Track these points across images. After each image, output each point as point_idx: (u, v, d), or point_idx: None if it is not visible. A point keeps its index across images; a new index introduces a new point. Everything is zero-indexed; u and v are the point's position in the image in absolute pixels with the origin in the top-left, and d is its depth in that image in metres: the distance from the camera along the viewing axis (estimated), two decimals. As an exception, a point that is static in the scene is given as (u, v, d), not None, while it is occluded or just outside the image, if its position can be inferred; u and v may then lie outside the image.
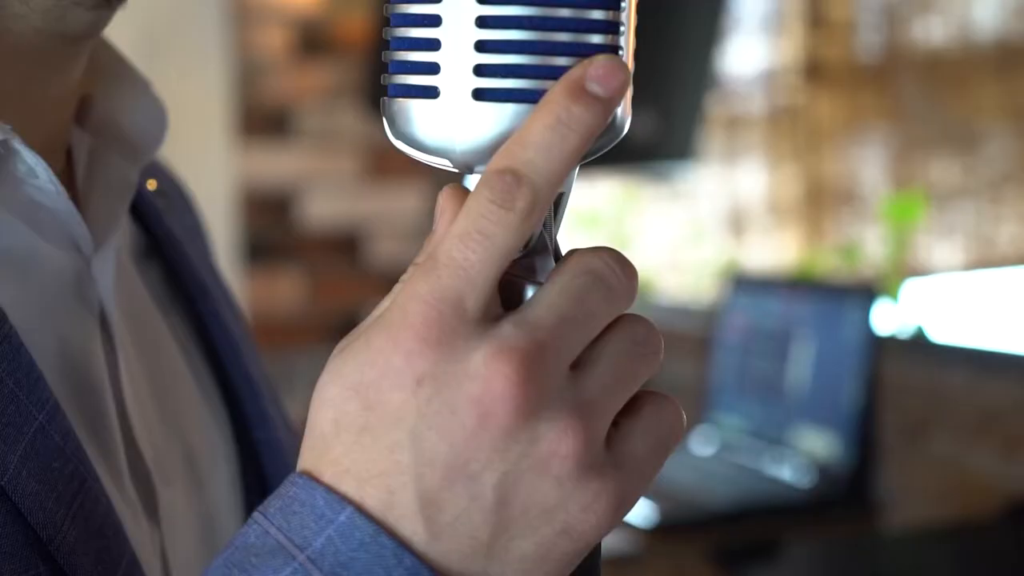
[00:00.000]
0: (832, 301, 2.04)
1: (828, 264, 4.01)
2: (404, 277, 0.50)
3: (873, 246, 3.99)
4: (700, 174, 3.81)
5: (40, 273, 0.63)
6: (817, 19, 4.20)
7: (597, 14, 0.48)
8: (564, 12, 0.48)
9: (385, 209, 3.33)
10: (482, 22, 0.48)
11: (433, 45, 0.48)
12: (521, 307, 0.48)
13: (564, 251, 0.50)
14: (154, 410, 0.69)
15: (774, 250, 4.22)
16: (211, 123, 0.72)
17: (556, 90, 0.47)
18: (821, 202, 4.20)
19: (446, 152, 0.49)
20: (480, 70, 0.48)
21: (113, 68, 0.71)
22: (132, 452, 0.66)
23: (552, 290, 0.48)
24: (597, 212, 3.70)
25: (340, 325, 3.29)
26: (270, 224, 3.19)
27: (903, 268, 3.64)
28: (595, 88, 0.47)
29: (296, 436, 0.80)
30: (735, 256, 4.08)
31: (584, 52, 0.48)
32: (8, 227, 0.62)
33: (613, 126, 0.49)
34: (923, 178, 4.11)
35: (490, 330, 0.46)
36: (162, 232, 0.76)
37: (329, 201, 3.27)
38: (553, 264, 0.50)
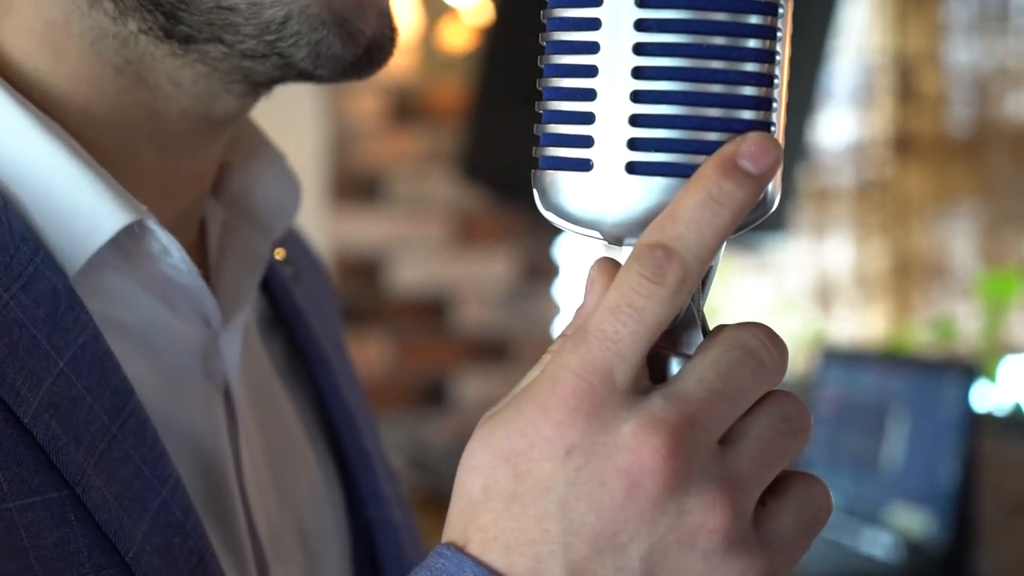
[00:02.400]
0: (929, 377, 2.01)
1: (918, 339, 3.96)
2: (553, 348, 0.50)
3: (964, 322, 3.94)
4: (788, 246, 3.80)
5: (169, 348, 0.64)
6: (907, 92, 4.18)
7: (749, 90, 0.49)
8: (716, 88, 0.49)
9: (473, 275, 3.35)
10: (637, 97, 0.48)
11: (587, 119, 0.49)
12: (671, 380, 0.48)
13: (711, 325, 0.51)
14: (271, 485, 0.70)
15: (861, 324, 4.18)
16: (305, 188, 0.74)
17: (708, 166, 0.47)
18: (909, 276, 4.16)
19: (597, 224, 0.50)
20: (634, 144, 0.48)
21: (250, 141, 0.72)
22: (248, 527, 0.66)
23: (702, 364, 0.48)
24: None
25: (425, 390, 3.30)
26: (360, 288, 3.22)
27: (998, 345, 3.59)
28: (747, 165, 0.47)
29: (410, 514, 0.80)
30: (823, 329, 4.05)
31: (736, 128, 0.49)
32: (141, 304, 0.63)
33: (763, 202, 0.49)
34: (1015, 254, 4.06)
35: (639, 402, 0.47)
36: (287, 303, 0.76)
37: (418, 266, 3.30)
38: (701, 338, 0.50)
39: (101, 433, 0.56)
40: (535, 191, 0.51)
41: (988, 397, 2.90)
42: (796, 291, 4.18)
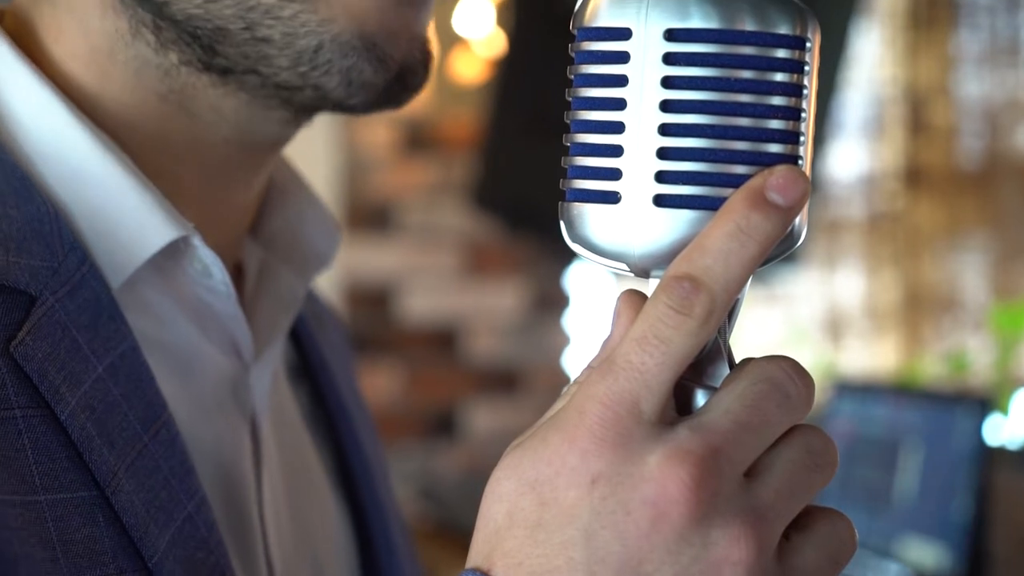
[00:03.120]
0: (941, 410, 2.01)
1: (930, 371, 3.95)
2: (579, 378, 0.50)
3: (976, 354, 3.93)
4: (799, 277, 3.79)
5: (202, 372, 0.65)
6: (918, 125, 4.19)
7: (776, 124, 0.49)
8: (744, 121, 0.49)
9: (483, 305, 3.35)
10: (665, 130, 0.49)
11: (616, 152, 0.49)
12: (697, 411, 0.48)
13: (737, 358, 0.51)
14: (289, 519, 0.71)
15: (872, 356, 4.17)
16: None
17: (736, 198, 0.48)
18: (920, 308, 4.16)
19: (624, 256, 0.50)
20: (662, 176, 0.49)
21: (288, 184, 0.73)
22: (264, 556, 0.67)
23: (729, 396, 0.48)
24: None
25: (435, 420, 3.29)
26: (370, 317, 3.22)
27: (1010, 378, 3.58)
28: (775, 198, 0.48)
29: (420, 568, 0.81)
30: (833, 361, 4.04)
31: (763, 161, 0.49)
32: (178, 325, 0.64)
33: (791, 235, 0.49)
34: (1025, 286, 4.06)
35: (666, 433, 0.47)
36: (314, 354, 0.78)
37: (428, 296, 3.30)
38: (727, 370, 0.50)
39: (133, 440, 0.57)
40: (562, 223, 0.51)
41: (1001, 430, 2.89)
42: (807, 323, 4.17)
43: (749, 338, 4.00)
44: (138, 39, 0.62)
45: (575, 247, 0.52)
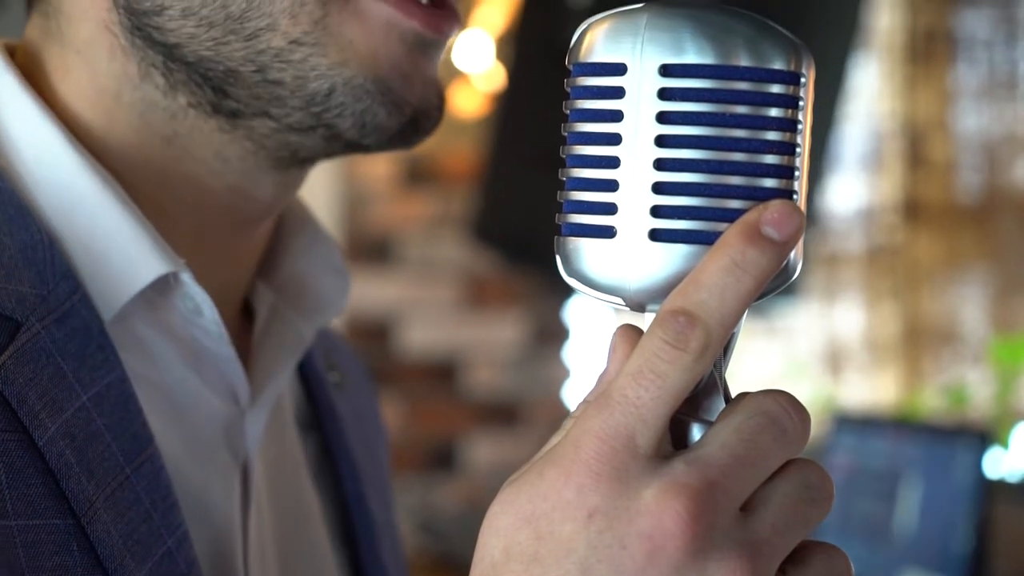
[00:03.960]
0: (941, 443, 2.01)
1: (930, 405, 3.95)
2: (575, 413, 0.50)
3: (976, 388, 3.93)
4: (798, 311, 3.79)
5: (193, 413, 0.64)
6: (916, 159, 4.20)
7: (771, 159, 0.49)
8: (739, 156, 0.49)
9: (483, 338, 3.35)
10: (660, 164, 0.49)
11: (611, 186, 0.49)
12: (694, 445, 0.48)
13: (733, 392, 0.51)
14: (276, 570, 0.70)
15: (872, 389, 4.17)
16: None
17: (731, 233, 0.48)
18: (920, 342, 4.16)
19: (619, 291, 0.50)
20: (657, 211, 0.49)
21: (300, 224, 0.72)
22: None
23: (725, 430, 0.48)
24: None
25: (435, 453, 3.29)
26: (370, 350, 3.22)
27: (1010, 411, 3.58)
28: (770, 232, 0.48)
29: None
30: (832, 394, 4.04)
31: (758, 196, 0.49)
32: (170, 363, 0.64)
33: (786, 269, 0.49)
34: (1024, 320, 4.06)
35: (661, 467, 0.47)
36: (325, 407, 0.77)
37: (428, 329, 3.30)
38: (723, 404, 0.50)
39: (115, 471, 0.57)
40: (558, 257, 0.52)
41: (1001, 463, 2.88)
42: (806, 356, 4.17)
43: (748, 371, 4.00)
44: (147, 81, 0.62)
45: (571, 281, 0.52)
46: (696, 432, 0.50)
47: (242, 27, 0.61)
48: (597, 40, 0.50)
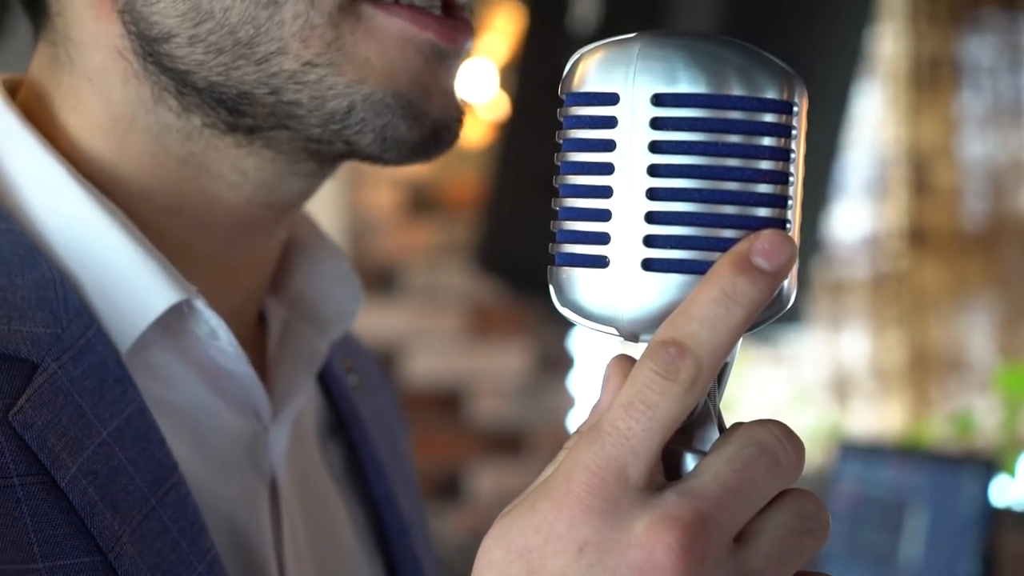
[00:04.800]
0: (947, 472, 2.00)
1: (936, 433, 3.94)
2: (568, 445, 0.50)
3: (983, 416, 3.92)
4: (804, 338, 3.79)
5: (216, 434, 0.64)
6: (921, 186, 4.20)
7: (764, 188, 0.49)
8: (732, 186, 0.49)
9: (488, 367, 3.35)
10: (653, 194, 0.49)
11: (604, 216, 0.49)
12: (686, 476, 0.48)
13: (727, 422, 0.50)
14: None
15: (879, 417, 4.15)
16: None
17: (722, 263, 0.48)
18: (927, 369, 4.15)
19: (613, 321, 0.50)
20: (650, 241, 0.49)
21: (309, 238, 0.72)
22: None
23: (717, 460, 0.48)
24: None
25: (440, 483, 3.28)
26: (374, 379, 3.21)
27: (1016, 439, 3.57)
28: (761, 262, 0.48)
29: None
30: (839, 422, 4.03)
31: (751, 225, 0.49)
32: (189, 386, 0.64)
33: (779, 299, 0.49)
34: (1031, 347, 4.05)
35: (653, 499, 0.47)
36: (347, 410, 0.77)
37: (433, 358, 3.30)
38: (717, 434, 0.50)
39: (140, 504, 0.57)
40: (551, 287, 0.51)
41: (1007, 492, 2.87)
42: (812, 384, 4.16)
43: (754, 399, 3.99)
44: (160, 105, 0.62)
45: (564, 311, 0.52)
46: (690, 463, 0.49)
47: (252, 52, 0.60)
48: (590, 70, 0.50)
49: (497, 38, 3.25)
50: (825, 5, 2.51)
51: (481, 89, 3.23)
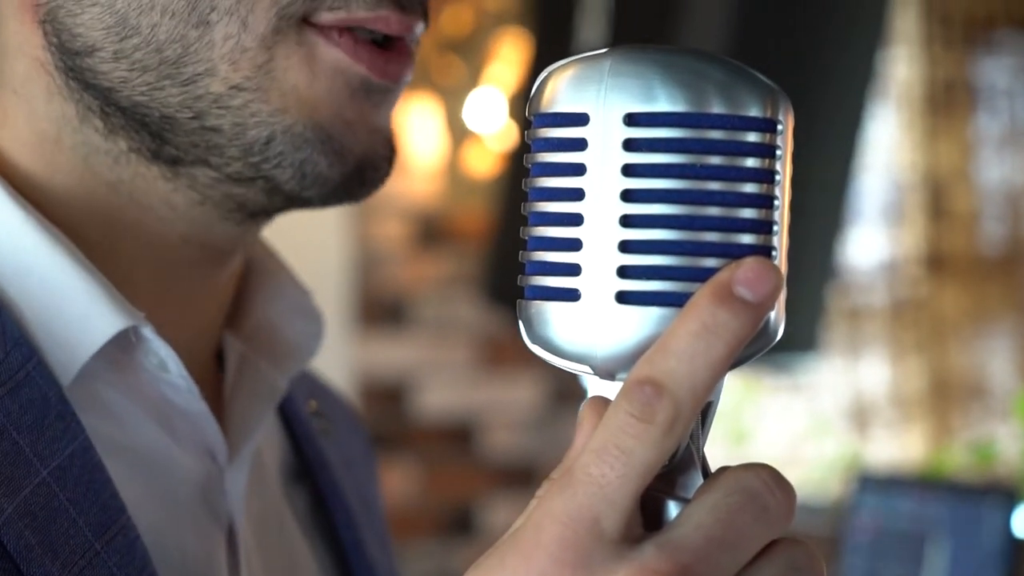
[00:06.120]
0: (969, 502, 1.96)
1: (958, 461, 3.89)
2: (540, 492, 0.47)
3: (1006, 443, 3.86)
4: (821, 366, 3.74)
5: (168, 477, 0.61)
6: (938, 210, 4.16)
7: (748, 212, 0.46)
8: (713, 211, 0.45)
9: (499, 400, 3.32)
10: (627, 221, 0.45)
11: (574, 245, 0.46)
12: (666, 527, 0.45)
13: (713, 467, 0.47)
14: None
15: (899, 446, 4.10)
16: (330, 312, 0.73)
17: (702, 294, 0.44)
18: (948, 396, 4.10)
19: (586, 358, 0.47)
20: (624, 272, 0.45)
21: (271, 273, 0.69)
22: None
23: (700, 509, 0.44)
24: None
25: (452, 518, 3.24)
26: (385, 413, 3.19)
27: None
28: (743, 292, 0.44)
29: None
30: (858, 451, 3.98)
31: (734, 253, 0.45)
32: (138, 425, 0.61)
33: (765, 332, 0.46)
34: (1054, 373, 4.00)
35: (629, 552, 0.43)
36: (313, 455, 0.74)
37: (444, 391, 3.27)
38: (700, 480, 0.46)
39: (82, 548, 0.54)
40: (520, 323, 0.48)
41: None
42: (831, 412, 4.12)
43: (771, 429, 3.94)
44: (86, 124, 0.59)
45: (535, 349, 0.48)
46: (673, 510, 0.46)
47: (178, 72, 0.58)
48: (559, 88, 0.47)
49: (505, 67, 3.23)
50: (837, 27, 2.48)
51: (490, 119, 3.21)
